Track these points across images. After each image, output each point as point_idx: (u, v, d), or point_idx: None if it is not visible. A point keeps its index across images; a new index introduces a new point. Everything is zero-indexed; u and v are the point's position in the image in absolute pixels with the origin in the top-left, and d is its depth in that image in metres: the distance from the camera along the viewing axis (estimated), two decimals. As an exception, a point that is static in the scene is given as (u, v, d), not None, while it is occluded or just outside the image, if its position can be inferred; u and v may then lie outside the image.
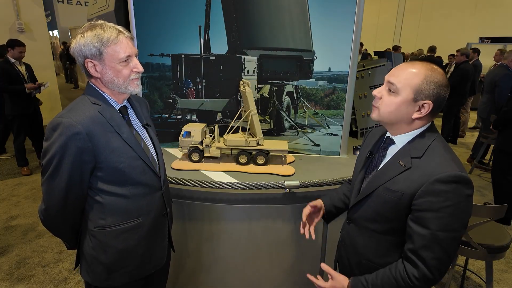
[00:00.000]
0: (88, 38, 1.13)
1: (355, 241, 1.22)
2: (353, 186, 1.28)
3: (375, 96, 1.10)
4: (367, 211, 1.16)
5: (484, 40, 11.11)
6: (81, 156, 1.13)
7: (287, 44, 2.08)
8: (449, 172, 0.96)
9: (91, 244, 1.27)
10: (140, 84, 1.26)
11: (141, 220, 1.30)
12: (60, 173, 1.14)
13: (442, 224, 0.96)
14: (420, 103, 1.02)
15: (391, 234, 1.11)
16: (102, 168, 1.19)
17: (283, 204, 1.85)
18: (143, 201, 1.30)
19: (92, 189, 1.23)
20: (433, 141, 1.06)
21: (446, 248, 0.98)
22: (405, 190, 1.02)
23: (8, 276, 2.56)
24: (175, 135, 2.25)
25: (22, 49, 4.16)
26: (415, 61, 1.07)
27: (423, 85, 1.01)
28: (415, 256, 1.01)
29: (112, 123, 1.19)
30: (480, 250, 1.89)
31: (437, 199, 0.96)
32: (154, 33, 2.13)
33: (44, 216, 1.23)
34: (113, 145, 1.18)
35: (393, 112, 1.06)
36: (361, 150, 1.34)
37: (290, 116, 2.23)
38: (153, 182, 1.33)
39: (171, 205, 1.51)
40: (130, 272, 1.33)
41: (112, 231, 1.26)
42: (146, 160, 1.28)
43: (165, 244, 1.46)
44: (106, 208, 1.24)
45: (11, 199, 3.82)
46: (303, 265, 1.99)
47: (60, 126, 1.11)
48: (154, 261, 1.41)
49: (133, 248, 1.30)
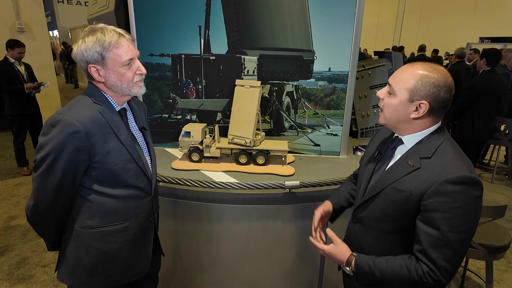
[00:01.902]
0: (89, 43, 1.13)
1: (361, 240, 1.22)
2: (359, 185, 1.28)
3: (379, 97, 1.13)
4: (373, 211, 1.15)
5: (484, 40, 11.11)
6: (77, 155, 1.12)
7: (287, 44, 2.08)
8: (458, 173, 0.96)
9: (75, 244, 1.25)
10: (144, 86, 1.26)
11: (128, 223, 1.29)
12: (54, 170, 1.12)
13: (451, 225, 0.96)
14: (417, 103, 1.03)
15: (397, 234, 1.11)
16: (96, 168, 1.18)
17: (283, 204, 1.85)
18: (132, 204, 1.29)
19: (83, 188, 1.21)
20: (442, 142, 1.06)
21: (455, 249, 0.97)
22: (413, 190, 1.02)
23: (8, 276, 2.56)
24: (175, 135, 2.25)
25: (22, 50, 4.16)
26: (417, 62, 1.07)
27: (418, 85, 1.02)
28: (425, 257, 1.00)
29: (111, 124, 1.19)
30: (480, 250, 1.89)
31: (446, 199, 0.96)
32: (154, 33, 2.13)
33: (31, 212, 1.20)
34: (110, 146, 1.18)
35: (393, 113, 1.08)
36: (368, 148, 1.34)
37: (290, 116, 2.23)
38: (144, 186, 1.32)
39: (158, 212, 1.50)
40: (111, 277, 1.31)
41: (98, 232, 1.24)
42: (140, 164, 1.27)
43: (150, 251, 1.43)
44: (94, 208, 1.23)
45: (11, 199, 3.82)
46: (303, 265, 1.99)
47: (60, 123, 1.10)
48: (137, 268, 1.38)
49: (117, 251, 1.28)
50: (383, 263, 1.06)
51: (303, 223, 1.90)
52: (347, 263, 1.13)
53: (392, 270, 1.04)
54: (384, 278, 1.05)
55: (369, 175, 1.22)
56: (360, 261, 1.11)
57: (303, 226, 1.90)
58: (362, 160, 1.34)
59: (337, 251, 1.16)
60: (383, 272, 1.05)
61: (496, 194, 4.14)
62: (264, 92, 2.19)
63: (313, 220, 1.35)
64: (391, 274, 1.04)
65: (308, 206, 1.88)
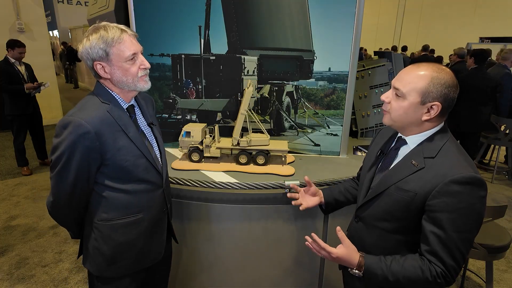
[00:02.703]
0: (93, 41, 1.16)
1: (363, 240, 1.22)
2: (361, 184, 1.28)
3: (384, 101, 1.11)
4: (377, 210, 1.15)
5: (484, 40, 11.12)
6: (89, 154, 1.17)
7: (287, 44, 2.08)
8: (463, 174, 0.96)
9: (94, 235, 1.32)
10: (149, 81, 1.29)
11: (142, 215, 1.35)
12: (69, 169, 1.18)
13: (457, 225, 0.97)
14: (429, 105, 1.02)
15: (400, 233, 1.11)
16: (108, 165, 1.23)
17: (283, 204, 1.85)
18: (144, 197, 1.34)
19: (97, 184, 1.27)
20: (446, 142, 1.06)
21: (461, 248, 0.98)
22: (418, 190, 1.02)
23: (8, 276, 2.56)
24: (175, 135, 2.25)
25: (22, 50, 4.16)
26: (421, 62, 1.07)
27: (430, 87, 1.01)
28: (433, 257, 1.00)
29: (119, 122, 1.23)
30: (480, 250, 1.89)
31: (451, 200, 0.96)
32: (154, 33, 2.13)
33: (51, 208, 1.28)
34: (120, 144, 1.22)
35: (402, 115, 1.07)
36: (371, 148, 1.34)
37: (290, 116, 2.23)
38: (156, 180, 1.37)
39: (171, 202, 1.56)
40: (129, 265, 1.38)
41: (114, 224, 1.31)
42: (150, 159, 1.31)
43: (164, 239, 1.50)
44: (109, 202, 1.28)
45: (11, 199, 3.82)
46: (303, 265, 2.00)
47: (71, 124, 1.14)
48: (152, 255, 1.45)
49: (133, 241, 1.35)
50: (395, 266, 1.05)
51: (303, 223, 1.90)
52: (358, 266, 1.09)
53: (405, 272, 1.03)
54: (396, 279, 1.04)
55: (372, 174, 1.22)
56: (371, 263, 1.07)
57: (303, 226, 1.90)
58: (365, 160, 1.34)
59: (346, 254, 1.08)
60: (396, 274, 1.04)
61: (496, 194, 4.15)
62: (264, 92, 2.19)
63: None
64: (404, 276, 1.03)
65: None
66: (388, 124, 1.13)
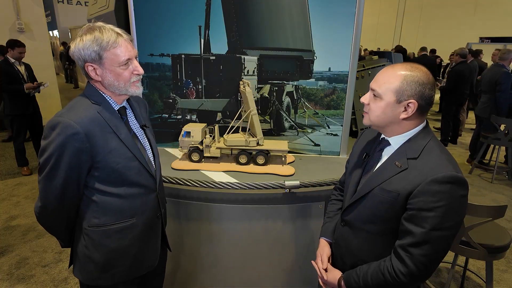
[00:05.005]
0: (87, 42, 1.12)
1: (350, 243, 1.22)
2: (347, 188, 1.28)
3: (363, 103, 1.14)
4: (362, 212, 1.16)
5: (484, 40, 11.12)
6: (79, 156, 1.13)
7: (287, 44, 2.08)
8: (445, 173, 0.98)
9: (85, 242, 1.27)
10: (141, 86, 1.26)
11: (135, 220, 1.30)
12: (58, 172, 1.13)
13: (434, 223, 0.98)
14: (405, 103, 1.04)
15: (386, 235, 1.12)
16: (99, 168, 1.18)
17: (283, 204, 1.85)
18: (137, 201, 1.30)
19: (88, 188, 1.22)
20: (428, 142, 1.07)
21: (436, 246, 1.00)
22: (401, 190, 1.04)
23: (8, 276, 2.56)
24: (175, 135, 2.25)
25: (22, 50, 4.16)
26: (396, 64, 1.10)
27: (403, 86, 1.03)
28: (403, 252, 1.02)
29: (110, 123, 1.19)
30: (480, 250, 1.89)
31: (431, 199, 0.98)
32: (154, 33, 2.13)
33: (39, 213, 1.23)
34: (111, 145, 1.18)
35: (381, 115, 1.09)
36: (353, 151, 1.34)
37: (290, 116, 2.23)
38: (148, 183, 1.33)
39: (165, 207, 1.51)
40: (122, 272, 1.33)
41: (106, 230, 1.26)
42: (142, 161, 1.28)
43: (158, 246, 1.45)
44: (100, 207, 1.24)
45: (11, 199, 3.82)
46: (303, 265, 2.00)
47: (59, 125, 1.10)
48: (147, 262, 1.40)
49: (126, 248, 1.30)
50: (365, 275, 1.11)
51: (303, 223, 1.90)
52: (338, 284, 1.19)
53: (372, 280, 1.09)
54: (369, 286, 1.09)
55: (358, 177, 1.22)
56: (347, 277, 1.17)
57: (303, 226, 1.91)
58: (348, 164, 1.35)
59: (330, 277, 1.23)
60: (366, 280, 1.10)
61: (496, 194, 4.14)
62: (264, 92, 2.19)
63: (319, 263, 1.32)
64: (373, 284, 1.09)
65: (308, 206, 1.88)
66: (368, 124, 1.15)
